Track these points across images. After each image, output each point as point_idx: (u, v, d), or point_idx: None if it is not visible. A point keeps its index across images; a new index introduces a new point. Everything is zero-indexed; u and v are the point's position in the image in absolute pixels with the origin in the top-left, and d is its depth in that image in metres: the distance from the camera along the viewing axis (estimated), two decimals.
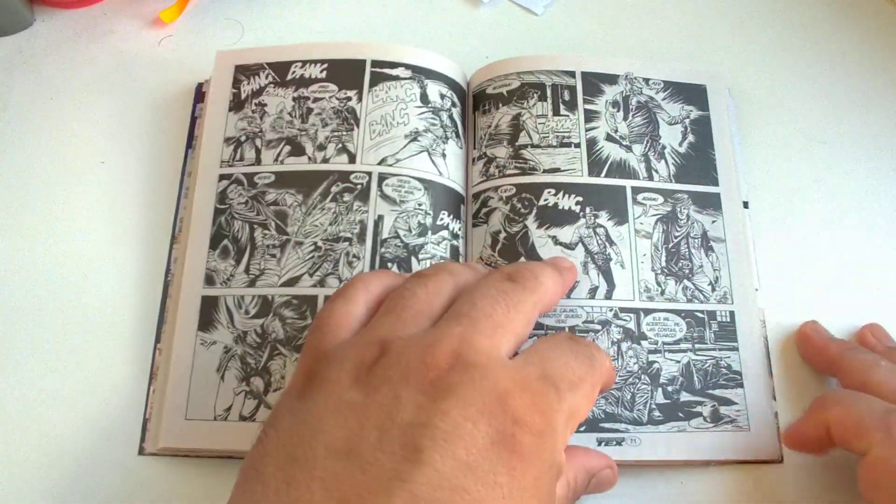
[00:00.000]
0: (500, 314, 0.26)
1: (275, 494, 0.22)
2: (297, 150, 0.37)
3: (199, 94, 0.41)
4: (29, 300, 0.37)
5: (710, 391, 0.33)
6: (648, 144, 0.38)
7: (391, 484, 0.21)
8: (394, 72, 0.38)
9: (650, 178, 0.37)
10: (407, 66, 0.39)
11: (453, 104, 0.39)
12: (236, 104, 0.38)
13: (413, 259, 0.35)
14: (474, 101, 0.40)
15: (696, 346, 0.34)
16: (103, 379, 0.35)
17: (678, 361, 0.34)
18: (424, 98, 0.38)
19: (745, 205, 0.38)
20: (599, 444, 0.32)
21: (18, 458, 0.33)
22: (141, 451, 0.33)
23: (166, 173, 0.39)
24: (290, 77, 0.39)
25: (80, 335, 0.36)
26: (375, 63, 0.39)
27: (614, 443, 0.32)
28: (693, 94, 0.39)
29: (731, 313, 0.35)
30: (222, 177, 0.37)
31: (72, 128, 0.41)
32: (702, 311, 0.35)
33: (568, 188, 0.36)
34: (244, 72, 0.39)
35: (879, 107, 0.41)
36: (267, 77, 0.39)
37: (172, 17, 0.43)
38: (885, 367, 0.31)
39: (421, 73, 0.39)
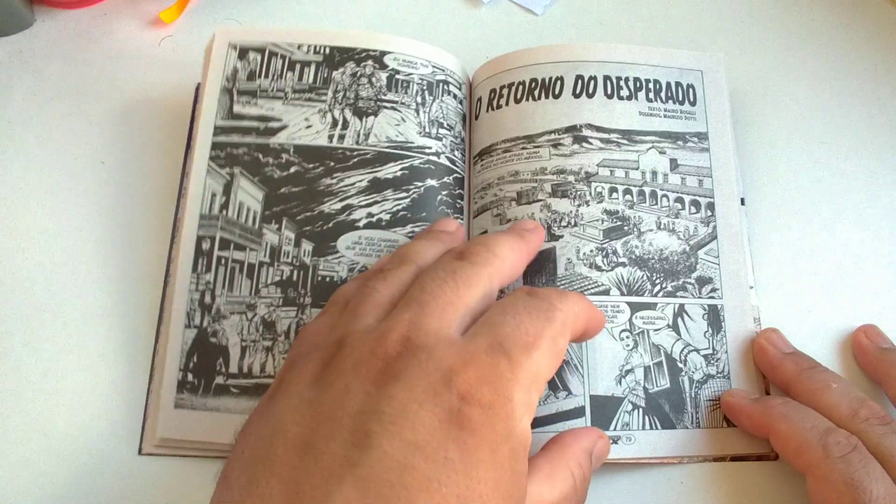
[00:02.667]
0: (450, 293, 0.26)
1: (238, 495, 0.23)
2: None
3: (199, 95, 0.41)
4: (28, 300, 0.36)
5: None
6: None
7: (342, 470, 0.22)
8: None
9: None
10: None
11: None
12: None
13: None
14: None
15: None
16: (103, 379, 0.35)
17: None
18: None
19: (742, 201, 0.38)
20: None
21: (18, 458, 0.33)
22: (140, 451, 0.33)
23: (166, 173, 0.39)
24: None
25: (79, 335, 0.36)
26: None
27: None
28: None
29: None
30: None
31: (72, 128, 0.41)
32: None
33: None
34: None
35: (880, 106, 0.41)
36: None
37: (172, 17, 0.43)
38: (837, 389, 0.31)
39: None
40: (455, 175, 0.37)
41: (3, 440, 0.33)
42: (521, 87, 0.38)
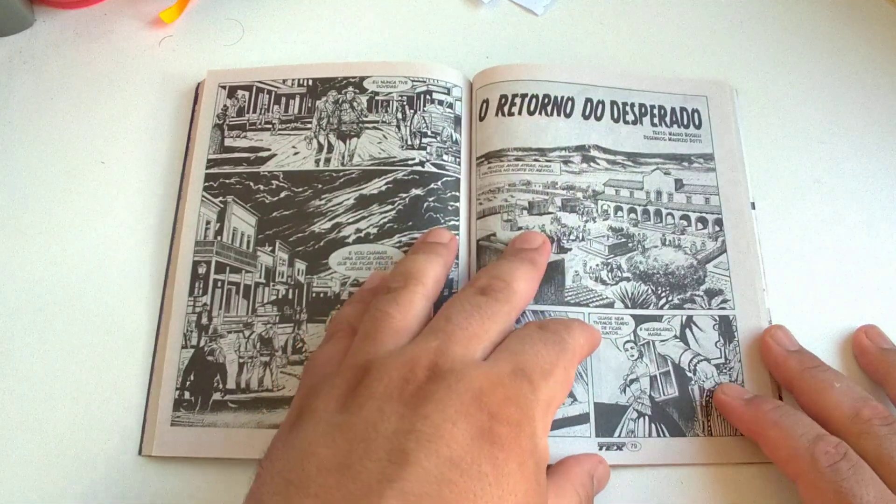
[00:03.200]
0: (475, 326, 0.28)
1: None
2: None
3: (198, 95, 0.41)
4: (28, 300, 0.36)
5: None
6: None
7: (381, 486, 0.23)
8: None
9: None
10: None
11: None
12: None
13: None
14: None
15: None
16: (104, 379, 0.35)
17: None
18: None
19: (752, 205, 0.38)
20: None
21: (19, 457, 0.33)
22: (140, 451, 0.33)
23: (166, 173, 0.39)
24: None
25: (80, 335, 0.36)
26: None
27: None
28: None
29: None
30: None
31: (72, 128, 0.41)
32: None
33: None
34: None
35: (879, 107, 0.41)
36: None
37: (172, 17, 0.43)
38: (840, 388, 0.31)
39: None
40: (445, 179, 0.37)
41: (3, 440, 0.34)
42: (534, 101, 0.39)
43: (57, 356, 0.35)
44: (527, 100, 0.39)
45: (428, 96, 0.39)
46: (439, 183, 0.37)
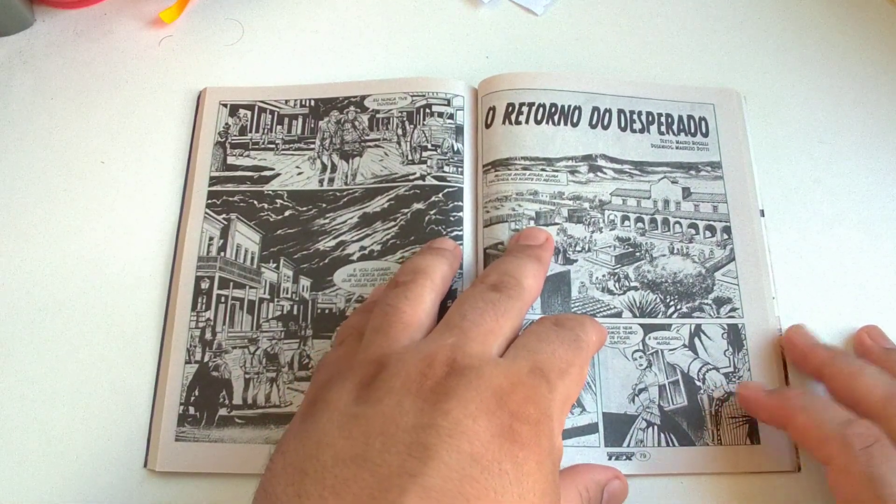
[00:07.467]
0: (490, 322, 0.28)
1: None
2: None
3: (199, 106, 0.41)
4: (28, 300, 0.36)
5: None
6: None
7: (402, 480, 0.22)
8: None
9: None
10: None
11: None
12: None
13: None
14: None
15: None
16: (107, 383, 0.35)
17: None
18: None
19: (762, 213, 0.38)
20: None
21: (23, 466, 0.33)
22: (146, 465, 0.33)
23: (166, 173, 0.39)
24: None
25: (80, 337, 0.36)
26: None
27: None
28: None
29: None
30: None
31: (72, 128, 0.41)
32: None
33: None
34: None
35: (879, 107, 0.41)
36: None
37: (172, 17, 0.43)
38: (871, 373, 0.31)
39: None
40: (447, 190, 0.38)
41: (4, 449, 0.33)
42: (541, 109, 0.39)
43: (56, 359, 0.35)
44: (534, 108, 0.39)
45: (427, 110, 0.39)
46: (441, 195, 0.37)
